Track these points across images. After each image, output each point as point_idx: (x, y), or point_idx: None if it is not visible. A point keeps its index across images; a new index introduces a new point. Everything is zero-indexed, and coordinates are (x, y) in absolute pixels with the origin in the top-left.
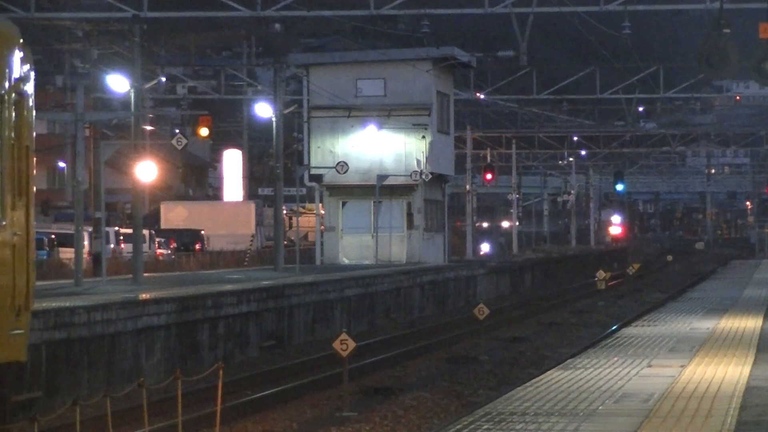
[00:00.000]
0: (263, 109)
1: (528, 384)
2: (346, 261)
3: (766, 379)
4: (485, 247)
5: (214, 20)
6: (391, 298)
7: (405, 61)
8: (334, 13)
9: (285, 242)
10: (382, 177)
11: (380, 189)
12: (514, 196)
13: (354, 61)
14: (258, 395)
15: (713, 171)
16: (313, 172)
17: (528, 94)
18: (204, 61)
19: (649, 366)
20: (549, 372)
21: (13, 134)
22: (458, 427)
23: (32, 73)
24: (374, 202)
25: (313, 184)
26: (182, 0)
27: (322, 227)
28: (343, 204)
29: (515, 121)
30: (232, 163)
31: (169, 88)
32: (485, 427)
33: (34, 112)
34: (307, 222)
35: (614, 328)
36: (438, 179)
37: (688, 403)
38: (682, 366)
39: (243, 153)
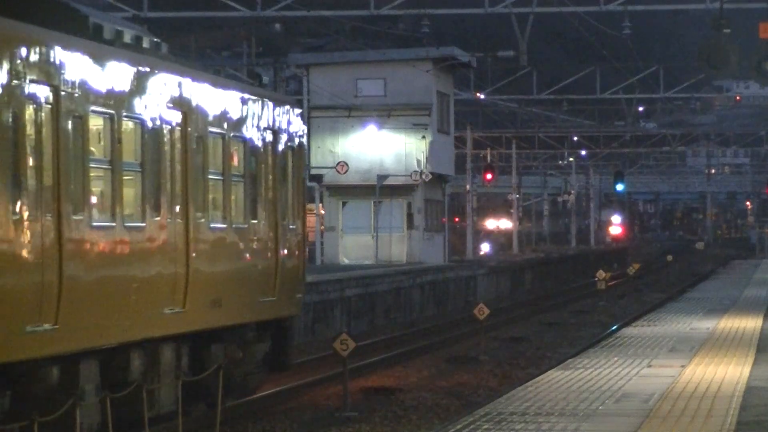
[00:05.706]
0: None
1: (528, 384)
2: (346, 261)
3: (766, 379)
4: (485, 247)
5: (214, 20)
6: (391, 298)
7: (405, 61)
8: (334, 13)
9: None
10: (382, 177)
11: (380, 189)
12: (514, 196)
13: (354, 61)
14: (258, 395)
15: (713, 171)
16: (314, 172)
17: (528, 94)
18: (204, 61)
19: (649, 366)
20: (549, 372)
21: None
22: (458, 427)
23: (303, 126)
24: (374, 202)
25: (313, 184)
26: (182, 0)
27: (322, 227)
28: (343, 204)
29: (515, 121)
30: None
31: None
32: (485, 427)
33: (306, 155)
34: (307, 222)
35: (614, 328)
36: (438, 179)
37: (688, 403)
38: (682, 366)
39: None
